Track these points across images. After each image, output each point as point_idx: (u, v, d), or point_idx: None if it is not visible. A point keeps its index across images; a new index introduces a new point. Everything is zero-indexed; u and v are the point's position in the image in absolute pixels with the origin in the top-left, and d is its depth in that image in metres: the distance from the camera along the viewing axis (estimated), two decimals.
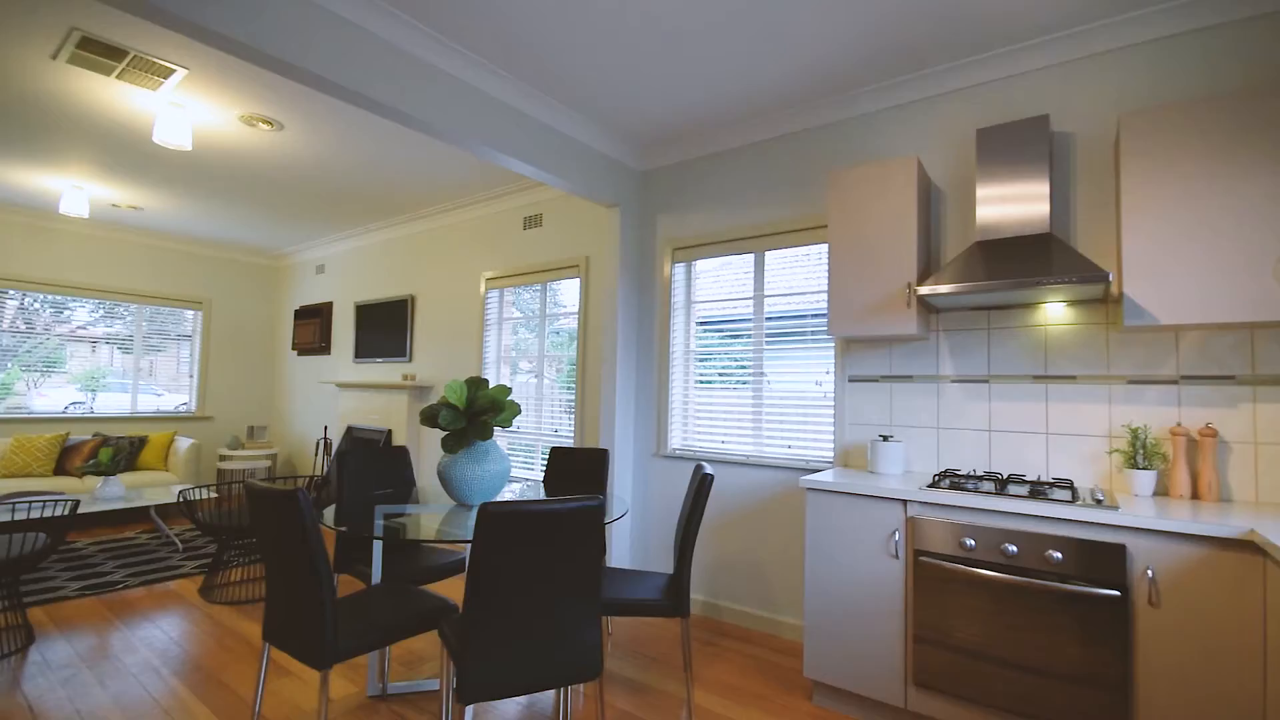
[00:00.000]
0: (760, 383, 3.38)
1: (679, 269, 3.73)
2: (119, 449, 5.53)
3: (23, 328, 5.73)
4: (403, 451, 3.17)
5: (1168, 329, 2.18)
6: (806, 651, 2.44)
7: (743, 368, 3.47)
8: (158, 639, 2.97)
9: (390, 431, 5.48)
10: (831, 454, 3.09)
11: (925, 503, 2.21)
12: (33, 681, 2.50)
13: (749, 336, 3.45)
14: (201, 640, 2.97)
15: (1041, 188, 2.38)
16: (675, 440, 3.69)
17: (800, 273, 3.28)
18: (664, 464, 3.68)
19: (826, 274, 3.13)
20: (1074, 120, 2.53)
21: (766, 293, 3.40)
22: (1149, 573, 1.84)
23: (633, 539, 3.76)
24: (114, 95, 3.17)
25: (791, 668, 2.78)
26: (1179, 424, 2.25)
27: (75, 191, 4.78)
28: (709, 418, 3.59)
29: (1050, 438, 2.49)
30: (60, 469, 5.41)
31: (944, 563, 2.14)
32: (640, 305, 3.84)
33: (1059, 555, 1.96)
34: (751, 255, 3.46)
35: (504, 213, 4.75)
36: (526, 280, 4.57)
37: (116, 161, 4.18)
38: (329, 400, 6.48)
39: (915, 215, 2.56)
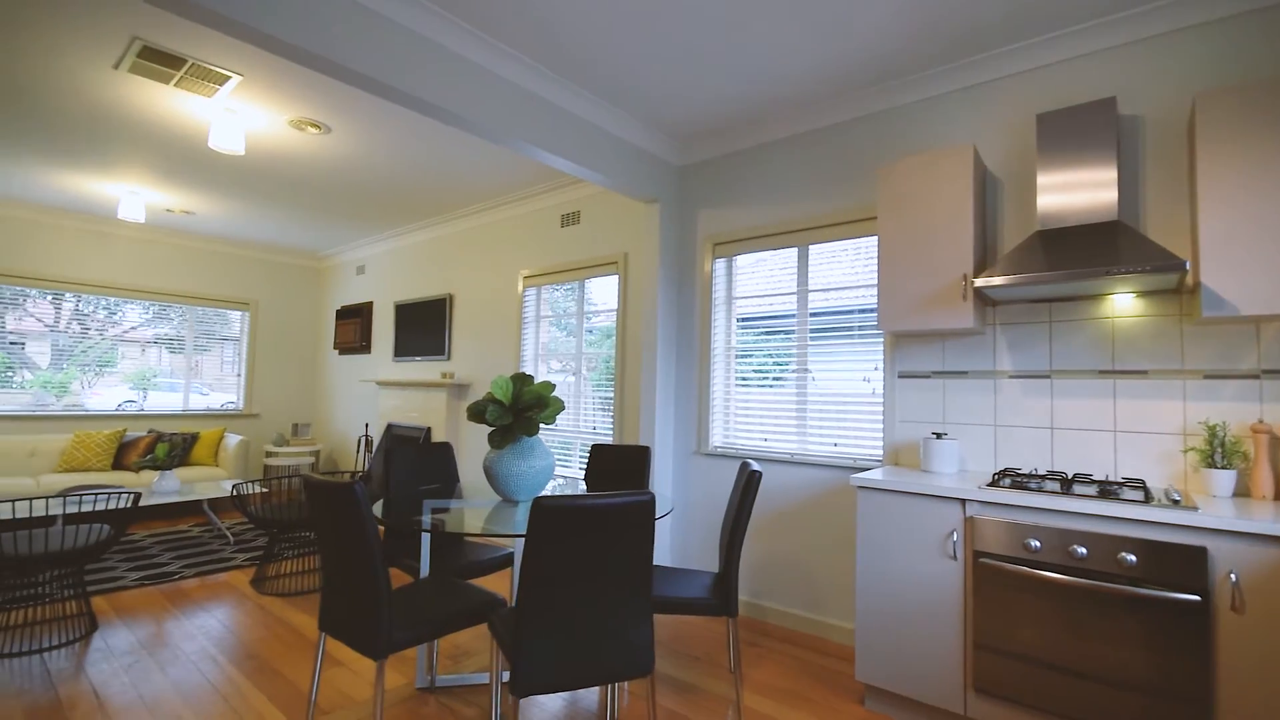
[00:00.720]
0: (804, 379, 3.32)
1: (719, 264, 3.69)
2: (174, 445, 5.73)
3: (78, 330, 5.97)
4: (446, 448, 3.20)
5: (1248, 320, 2.06)
6: (859, 654, 2.37)
7: (780, 364, 3.40)
8: (213, 628, 3.05)
9: (429, 429, 5.56)
10: (880, 452, 3.01)
11: (986, 502, 2.13)
12: (96, 667, 2.60)
13: (792, 333, 3.38)
14: (254, 630, 3.04)
15: (1108, 173, 2.27)
16: (716, 438, 3.64)
17: (846, 267, 3.20)
18: (705, 462, 3.64)
19: (875, 268, 3.06)
20: (1142, 102, 2.41)
21: (810, 288, 3.33)
22: (1232, 577, 1.73)
23: (673, 537, 3.73)
24: (171, 103, 3.27)
25: (840, 671, 2.72)
26: (1261, 420, 2.12)
27: (132, 197, 4.97)
28: (751, 415, 3.54)
29: (1119, 435, 2.38)
30: (118, 464, 5.63)
31: (1006, 564, 2.05)
32: (680, 301, 3.81)
33: (1132, 558, 1.87)
34: (794, 250, 3.40)
35: (541, 211, 4.77)
36: (564, 278, 4.58)
37: (172, 167, 4.32)
38: (369, 398, 6.60)
39: (971, 205, 2.47)
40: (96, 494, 3.05)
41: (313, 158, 4.06)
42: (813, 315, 3.32)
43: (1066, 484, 2.15)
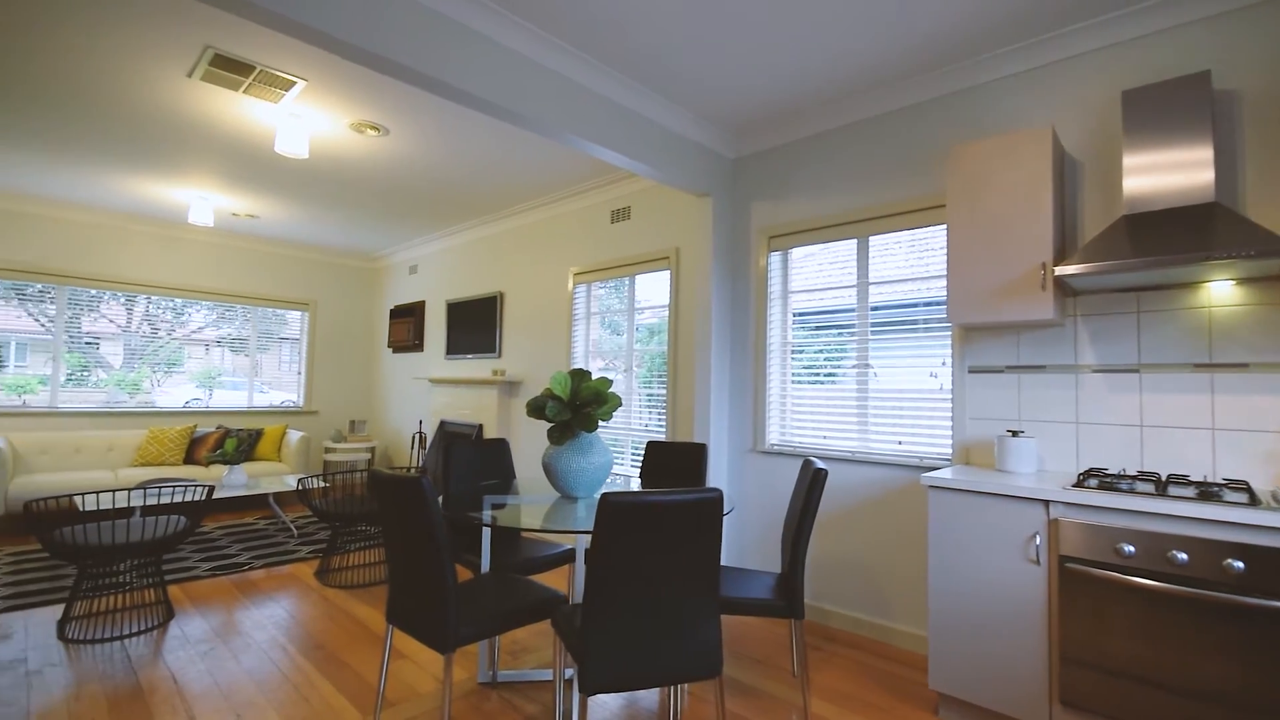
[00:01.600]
0: (865, 375, 3.21)
1: (774, 258, 3.61)
2: (241, 440, 5.97)
3: (148, 331, 6.28)
4: (503, 444, 3.22)
5: None
6: (932, 661, 2.27)
7: (834, 360, 3.30)
8: (281, 618, 3.15)
9: (481, 426, 5.64)
10: (949, 450, 2.89)
11: (1073, 504, 2.00)
12: (174, 654, 2.71)
13: (852, 327, 3.28)
14: (320, 620, 3.13)
15: (1204, 153, 2.11)
16: (773, 435, 3.57)
17: (910, 258, 3.08)
18: (761, 459, 3.57)
19: (942, 258, 2.94)
20: (1239, 76, 2.23)
21: (871, 280, 3.22)
22: None
23: (729, 536, 3.67)
24: (239, 109, 3.39)
25: (907, 678, 2.62)
26: None
27: (202, 202, 5.19)
28: (808, 412, 3.45)
29: (1217, 434, 2.21)
30: (189, 458, 5.90)
31: (1095, 570, 1.93)
32: (734, 296, 3.74)
33: (1240, 565, 1.72)
34: (854, 241, 3.29)
35: (591, 207, 4.77)
36: (614, 274, 4.56)
37: (239, 172, 4.49)
38: (422, 396, 6.74)
39: (1050, 190, 2.34)
40: (174, 486, 3.18)
41: (371, 159, 4.15)
42: (874, 309, 3.21)
43: (1161, 485, 2.01)
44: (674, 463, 3.17)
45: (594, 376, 4.70)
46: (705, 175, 3.58)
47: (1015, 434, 2.49)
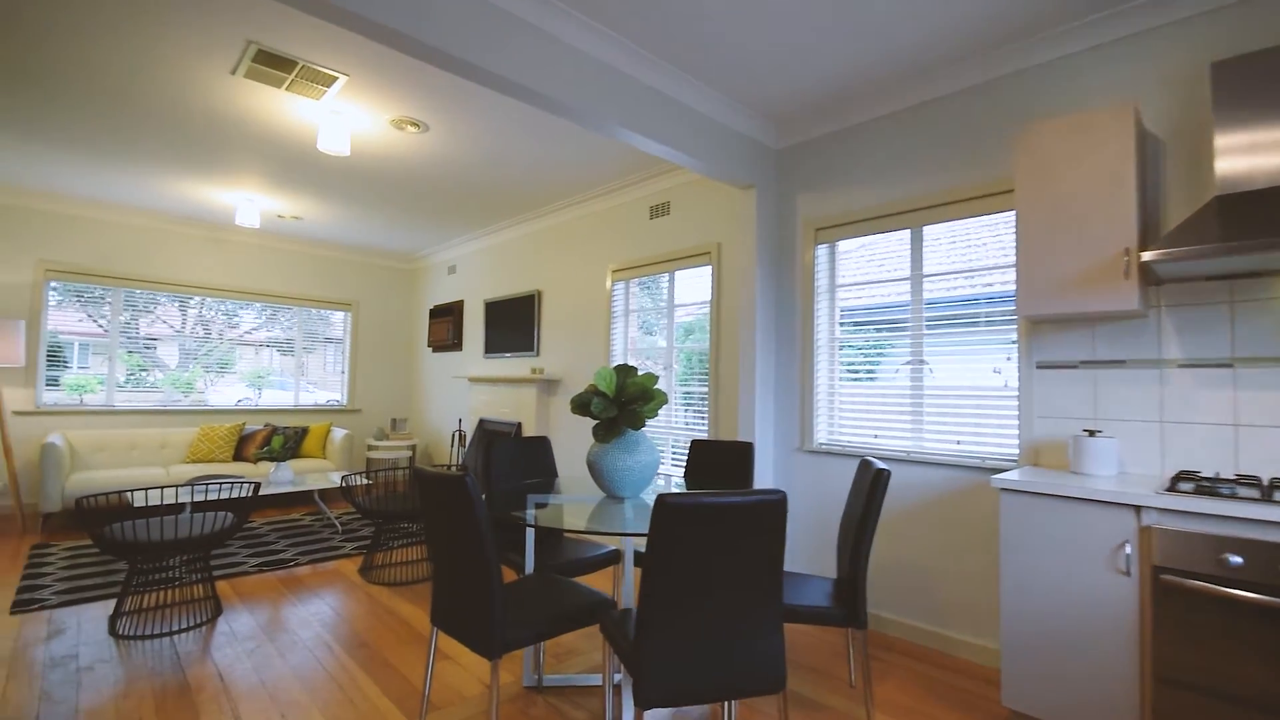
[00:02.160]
0: (920, 372, 3.05)
1: (821, 251, 3.47)
2: (288, 438, 6.08)
3: (201, 333, 6.46)
4: (544, 441, 3.16)
5: None
6: (1005, 676, 2.12)
7: (885, 356, 3.15)
8: (326, 615, 3.15)
9: (520, 424, 5.62)
10: (1014, 451, 2.72)
11: (1170, 510, 1.83)
12: (221, 651, 2.72)
13: (905, 322, 3.12)
14: (365, 618, 3.12)
15: None
16: (820, 434, 3.43)
17: (969, 248, 2.91)
18: (808, 459, 3.43)
19: (1005, 247, 2.77)
20: None
21: (926, 272, 3.06)
22: None
23: None
24: (282, 107, 3.41)
25: (973, 691, 2.46)
26: None
27: (248, 204, 5.29)
28: (858, 410, 3.30)
29: None
30: (238, 455, 6.03)
31: (1196, 583, 1.76)
32: (779, 291, 3.62)
33: None
34: (907, 232, 3.13)
35: (630, 203, 4.69)
36: (653, 270, 4.48)
37: (283, 172, 4.55)
38: (461, 394, 6.77)
39: (1134, 170, 2.16)
40: (220, 483, 3.21)
41: (411, 157, 4.15)
42: (929, 304, 3.05)
43: (1267, 490, 1.83)
44: (719, 462, 3.07)
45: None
46: (749, 167, 3.46)
47: (1092, 433, 2.31)
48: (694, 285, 4.27)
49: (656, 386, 2.98)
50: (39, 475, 4.71)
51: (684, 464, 4.05)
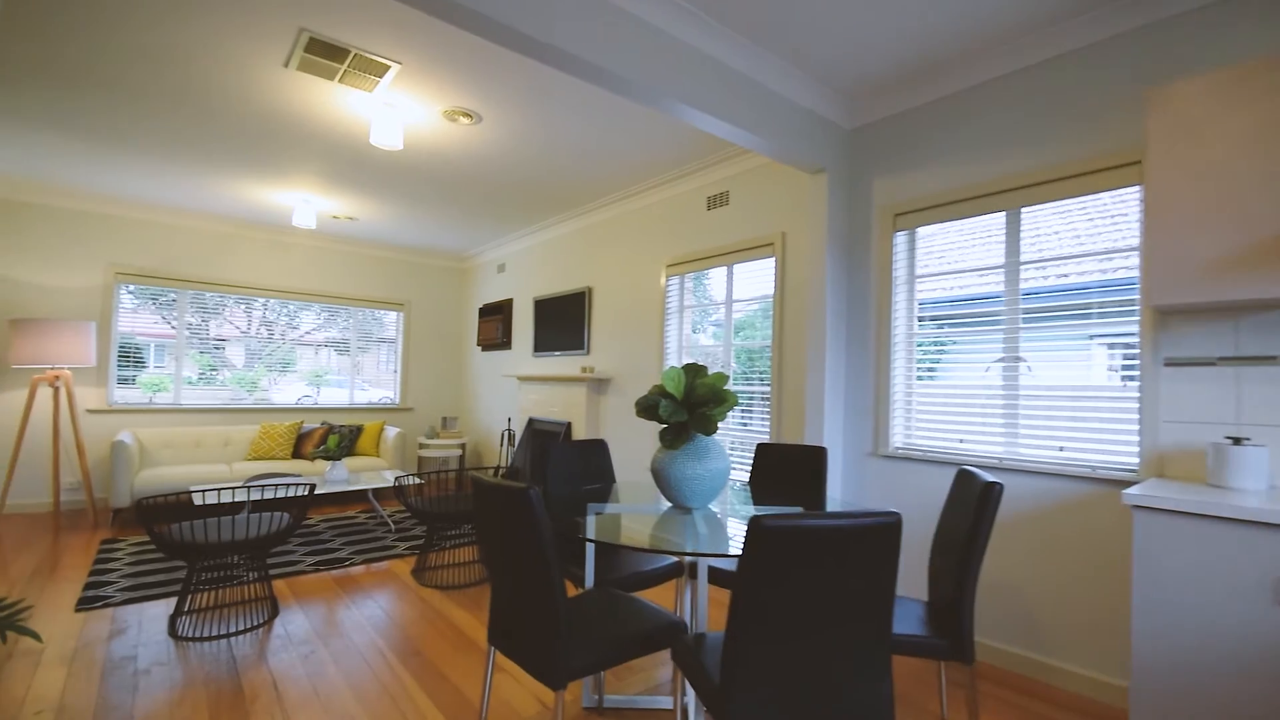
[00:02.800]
0: (1014, 370, 2.75)
1: (899, 239, 3.19)
2: (343, 436, 6.12)
3: (265, 334, 6.59)
4: (601, 445, 3.00)
5: None
6: (1135, 717, 1.84)
7: (973, 353, 2.85)
8: (380, 619, 3.07)
9: (569, 424, 5.49)
10: (1134, 460, 2.39)
11: None
12: (276, 656, 2.65)
13: (996, 315, 2.82)
14: (418, 624, 3.02)
15: None
16: (897, 438, 3.15)
17: (1079, 231, 2.60)
18: (883, 465, 3.16)
19: (1130, 227, 2.44)
20: None
21: (1024, 259, 2.75)
22: None
23: None
24: (334, 102, 3.35)
25: None
26: None
27: (305, 205, 5.33)
28: (939, 411, 3.01)
29: None
30: (297, 453, 6.11)
31: None
32: (850, 283, 3.35)
33: None
34: (1001, 215, 2.83)
35: (686, 194, 4.49)
36: (710, 264, 4.26)
37: (337, 172, 4.54)
38: (511, 393, 6.70)
39: None
40: (276, 484, 3.17)
41: (463, 151, 4.06)
42: (1027, 294, 2.74)
43: None
44: (787, 467, 2.85)
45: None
46: (820, 148, 3.20)
47: (1237, 441, 1.99)
48: (752, 280, 4.04)
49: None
50: (110, 471, 4.85)
51: (746, 469, 3.83)
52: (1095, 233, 2.55)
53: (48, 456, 5.28)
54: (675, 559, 2.62)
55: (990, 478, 1.87)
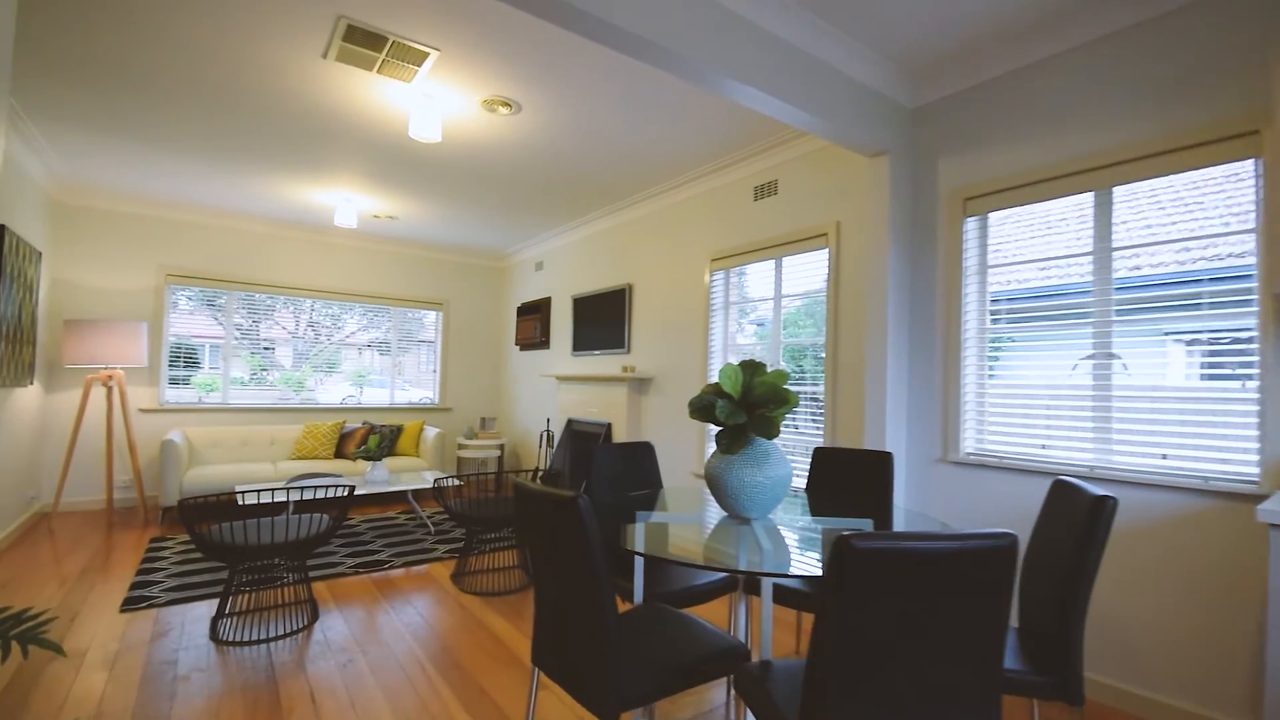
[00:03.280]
0: (1106, 368, 2.48)
1: (970, 225, 2.93)
2: (384, 436, 6.12)
3: (312, 336, 6.65)
4: (647, 448, 2.83)
5: None
6: None
7: (1044, 348, 2.58)
8: (419, 626, 2.98)
9: (609, 425, 5.35)
10: (1253, 470, 2.11)
11: None
12: (315, 664, 2.57)
13: (1083, 308, 2.55)
14: (457, 633, 2.91)
15: None
16: (968, 443, 2.90)
17: (1184, 212, 2.32)
18: (952, 473, 2.91)
19: (1239, 206, 2.15)
20: None
21: (1116, 245, 2.48)
22: None
23: None
24: (374, 95, 3.28)
25: None
26: None
27: (346, 204, 5.32)
28: (1016, 414, 2.75)
29: None
30: (339, 452, 6.13)
31: None
32: (914, 275, 3.11)
33: None
34: (1089, 196, 2.56)
35: (732, 184, 4.29)
36: (758, 257, 4.06)
37: (376, 169, 4.50)
38: (549, 394, 6.61)
39: None
40: (316, 485, 3.11)
41: (501, 143, 3.95)
42: (1120, 285, 2.47)
43: None
44: (847, 474, 2.64)
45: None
46: (881, 129, 2.98)
47: None
48: (801, 274, 3.82)
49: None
50: (160, 470, 4.92)
51: (797, 475, 3.62)
52: (1201, 214, 2.26)
53: (102, 455, 5.41)
54: (726, 573, 2.43)
55: (1100, 490, 1.64)
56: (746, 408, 1.97)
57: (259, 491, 2.68)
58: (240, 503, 3.43)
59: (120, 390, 5.10)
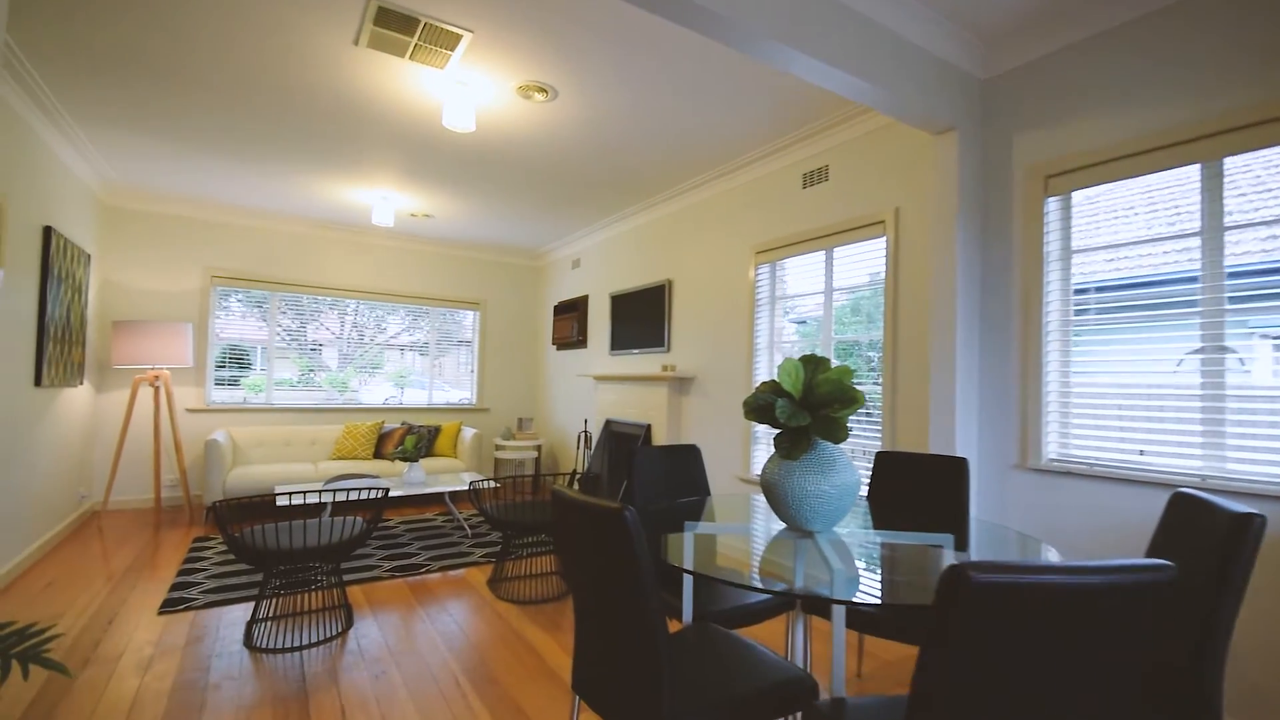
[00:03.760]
0: (1218, 364, 2.18)
1: (1051, 206, 2.65)
2: (420, 437, 6.08)
3: (356, 338, 6.67)
4: (693, 451, 2.65)
5: None
6: None
7: (1141, 342, 2.28)
8: (454, 635, 2.85)
9: (649, 426, 5.17)
10: None
11: None
12: (348, 676, 2.46)
13: (1188, 296, 2.26)
14: (494, 645, 2.77)
15: None
16: (1050, 448, 2.62)
17: None
18: (1032, 481, 2.64)
19: None
20: None
21: (1229, 224, 2.18)
22: None
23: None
24: (406, 84, 3.18)
25: None
26: None
27: (383, 203, 5.28)
28: (1107, 416, 2.46)
29: None
30: (378, 452, 6.12)
31: None
32: (985, 263, 2.84)
33: None
34: (1193, 168, 2.26)
35: (778, 172, 4.06)
36: (805, 248, 3.82)
37: (411, 163, 4.43)
38: (587, 394, 6.47)
39: None
40: (349, 489, 3.02)
41: (537, 132, 3.81)
42: (1234, 271, 2.16)
43: None
44: (914, 482, 2.40)
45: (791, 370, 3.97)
46: (949, 102, 2.72)
47: None
48: (854, 264, 3.57)
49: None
50: (205, 469, 4.96)
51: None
52: None
53: (149, 454, 5.49)
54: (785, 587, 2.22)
55: (1239, 506, 1.38)
56: (808, 408, 1.77)
57: (293, 494, 2.60)
58: (281, 504, 3.38)
59: (166, 390, 5.16)
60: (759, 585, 1.34)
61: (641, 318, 5.53)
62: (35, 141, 3.70)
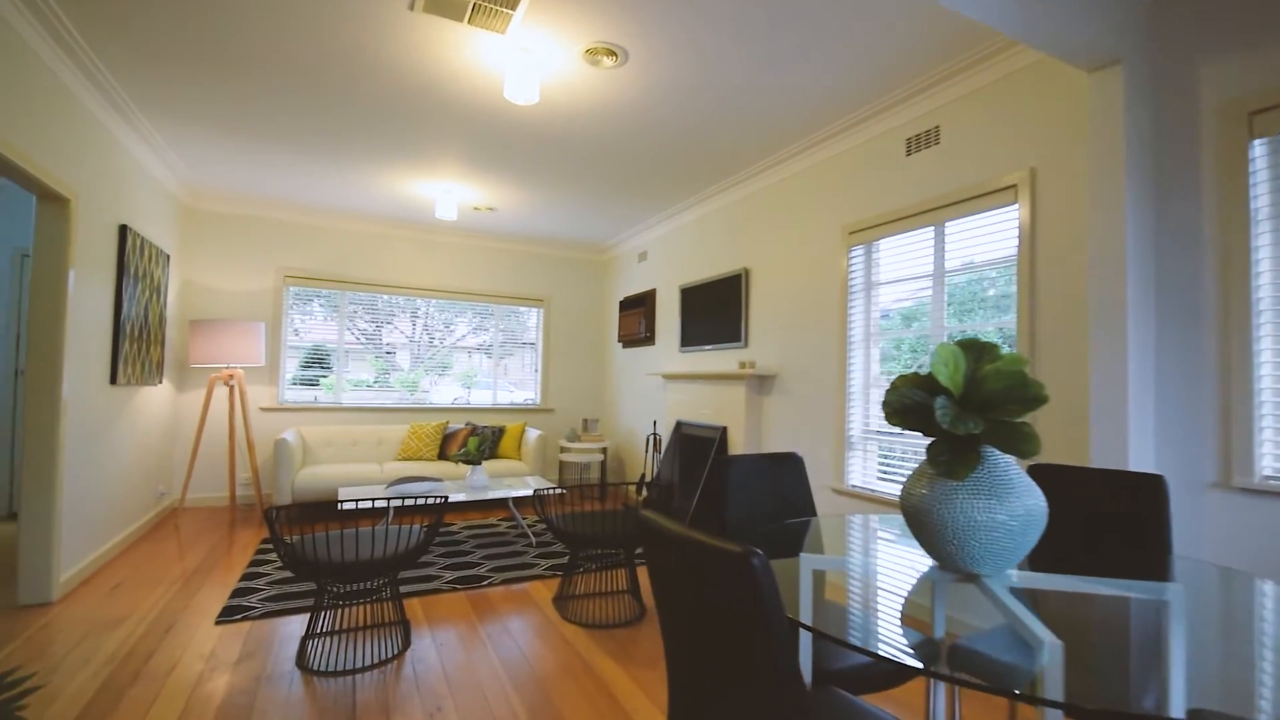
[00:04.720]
0: None
1: (1259, 151, 2.07)
2: (484, 439, 5.89)
3: (426, 340, 6.59)
4: (794, 461, 2.22)
5: None
6: None
7: None
8: (516, 663, 2.55)
9: (725, 429, 4.75)
10: None
11: None
12: (400, 709, 2.19)
13: None
14: (558, 677, 2.45)
15: None
16: (1263, 462, 2.04)
17: None
18: (1239, 503, 2.06)
19: None
20: None
21: None
22: None
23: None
24: (466, 53, 2.91)
25: None
26: None
27: (446, 196, 5.11)
28: None
29: None
30: (442, 453, 5.97)
31: None
32: (1161, 230, 2.28)
33: None
34: None
35: (875, 139, 3.57)
36: (912, 224, 3.31)
37: (472, 148, 4.20)
38: (655, 393, 6.11)
39: None
40: (406, 496, 2.77)
41: (605, 105, 3.48)
42: None
43: None
44: (1087, 504, 1.88)
45: (886, 368, 3.46)
46: (1110, 29, 2.19)
47: None
48: (973, 240, 3.04)
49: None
50: (274, 468, 4.92)
51: None
52: None
53: (225, 453, 5.54)
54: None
55: None
56: (975, 409, 1.32)
57: (340, 503, 2.35)
58: (346, 508, 3.19)
59: (240, 389, 5.17)
60: (947, 673, 0.93)
61: (715, 311, 5.11)
62: (110, 142, 3.68)
